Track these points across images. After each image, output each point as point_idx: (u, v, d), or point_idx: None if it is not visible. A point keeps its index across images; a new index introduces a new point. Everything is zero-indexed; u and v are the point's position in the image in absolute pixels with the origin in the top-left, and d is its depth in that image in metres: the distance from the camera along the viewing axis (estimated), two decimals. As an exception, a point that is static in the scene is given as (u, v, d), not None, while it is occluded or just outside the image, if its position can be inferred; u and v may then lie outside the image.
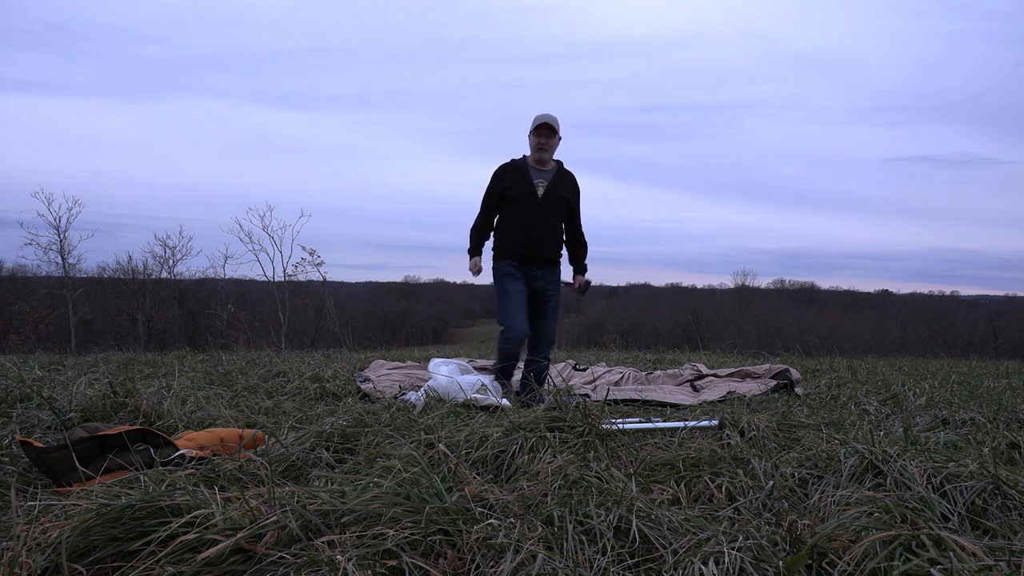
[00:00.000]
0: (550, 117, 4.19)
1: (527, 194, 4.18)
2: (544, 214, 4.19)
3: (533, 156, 4.26)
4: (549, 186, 4.23)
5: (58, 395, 3.26)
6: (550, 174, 4.26)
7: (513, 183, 4.20)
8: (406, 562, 1.43)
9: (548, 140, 4.20)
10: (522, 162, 4.28)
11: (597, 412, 2.70)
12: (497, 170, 4.31)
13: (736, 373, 5.23)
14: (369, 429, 2.57)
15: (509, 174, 4.24)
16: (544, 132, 4.18)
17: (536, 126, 4.18)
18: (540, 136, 4.19)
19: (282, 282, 17.91)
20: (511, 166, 4.28)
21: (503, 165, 4.31)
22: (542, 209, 4.19)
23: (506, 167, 4.29)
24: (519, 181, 4.20)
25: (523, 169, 4.23)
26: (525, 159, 4.30)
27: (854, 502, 1.85)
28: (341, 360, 6.31)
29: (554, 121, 4.19)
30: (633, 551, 1.56)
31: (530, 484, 2.01)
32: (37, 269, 22.32)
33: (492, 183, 4.29)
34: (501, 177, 4.26)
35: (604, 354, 8.75)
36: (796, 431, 2.75)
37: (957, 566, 1.41)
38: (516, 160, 4.31)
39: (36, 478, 2.14)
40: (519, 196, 4.18)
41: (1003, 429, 2.91)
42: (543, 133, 4.18)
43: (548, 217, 4.21)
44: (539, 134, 4.19)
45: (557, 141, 4.26)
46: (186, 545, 1.45)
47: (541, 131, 4.18)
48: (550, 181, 4.24)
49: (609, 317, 42.68)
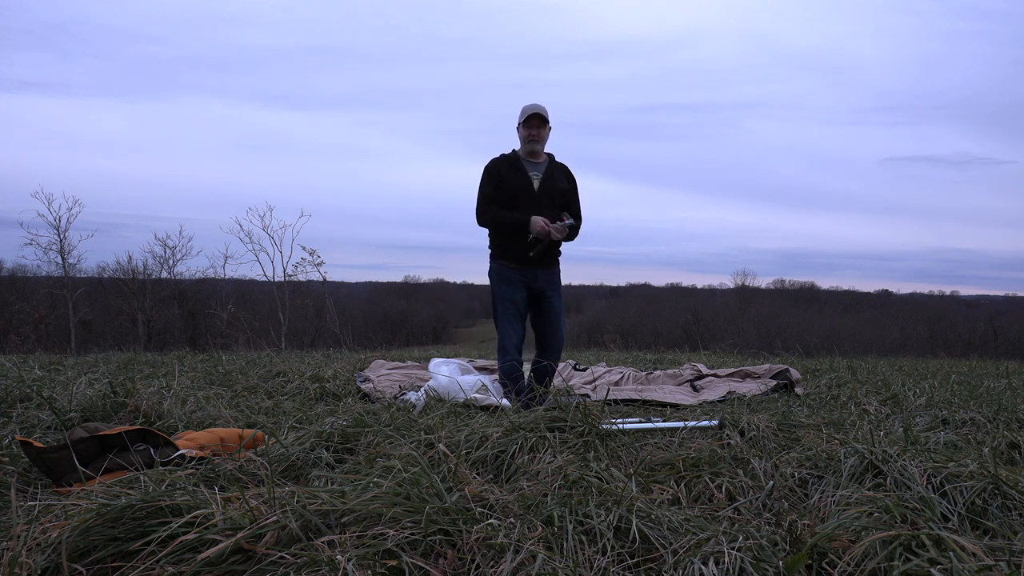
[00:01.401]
0: (539, 107, 4.03)
1: (524, 189, 4.01)
2: (542, 208, 3.98)
3: (524, 149, 4.09)
4: (544, 179, 4.07)
5: (58, 395, 3.26)
6: (543, 166, 4.11)
7: (508, 178, 4.02)
8: (406, 562, 1.43)
9: (539, 131, 4.04)
10: (514, 156, 4.11)
11: (597, 412, 2.69)
12: (488, 165, 4.11)
13: (736, 373, 5.23)
14: (369, 429, 2.57)
15: (502, 168, 4.05)
16: (534, 123, 4.03)
17: (526, 117, 4.02)
18: (531, 127, 4.03)
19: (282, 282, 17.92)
20: (503, 160, 4.09)
21: (494, 160, 4.12)
22: (539, 203, 4.00)
23: (497, 161, 4.10)
24: (514, 175, 4.03)
25: (516, 163, 4.06)
26: (516, 153, 4.13)
27: (854, 502, 1.85)
28: (341, 360, 6.31)
29: (544, 111, 4.03)
30: (633, 551, 1.56)
31: (530, 484, 2.01)
32: (37, 269, 22.36)
33: (486, 177, 4.09)
34: (494, 172, 4.07)
35: (604, 354, 8.75)
36: (796, 431, 2.75)
37: (957, 566, 1.41)
38: (507, 154, 4.13)
39: (36, 478, 2.14)
40: (515, 191, 4.00)
41: (1003, 429, 2.91)
42: (533, 124, 4.03)
43: (547, 211, 3.98)
44: (529, 125, 4.02)
45: (548, 131, 4.11)
46: (186, 545, 1.45)
47: (531, 122, 4.02)
48: (544, 174, 4.08)
49: (609, 317, 42.71)
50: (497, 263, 4.12)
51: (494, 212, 4.03)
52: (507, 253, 4.07)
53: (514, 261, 4.05)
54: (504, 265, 4.08)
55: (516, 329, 4.05)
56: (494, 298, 4.12)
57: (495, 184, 4.04)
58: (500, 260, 4.11)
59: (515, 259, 4.04)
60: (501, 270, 4.09)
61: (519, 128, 4.10)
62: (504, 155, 4.15)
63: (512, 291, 4.05)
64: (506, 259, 4.08)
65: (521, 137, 4.10)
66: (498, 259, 4.12)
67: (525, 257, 4.01)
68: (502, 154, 4.16)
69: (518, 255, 4.03)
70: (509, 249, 4.05)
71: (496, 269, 4.12)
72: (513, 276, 4.06)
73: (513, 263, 4.05)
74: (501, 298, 4.06)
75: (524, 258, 4.01)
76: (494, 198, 4.04)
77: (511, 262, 4.06)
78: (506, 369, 3.97)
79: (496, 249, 4.14)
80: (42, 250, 20.07)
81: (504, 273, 4.07)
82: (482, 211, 4.08)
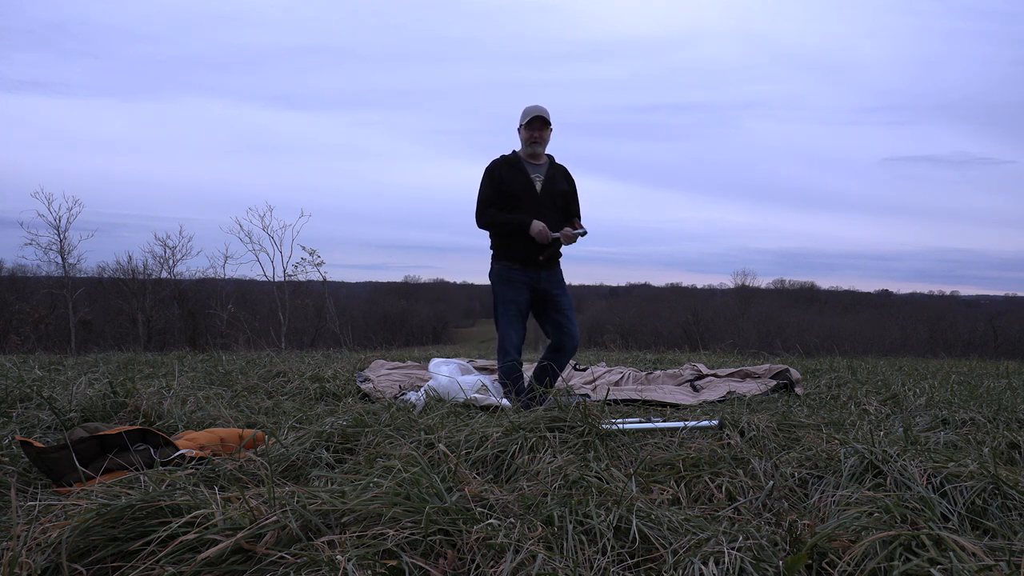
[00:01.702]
0: (542, 109, 4.04)
1: (526, 190, 4.01)
2: (544, 210, 3.98)
3: (525, 150, 4.08)
4: (546, 181, 4.07)
5: (58, 395, 3.26)
6: (544, 168, 4.11)
7: (510, 179, 4.01)
8: (406, 562, 1.43)
9: (541, 133, 4.05)
10: (514, 157, 4.09)
11: (597, 412, 2.70)
12: (490, 166, 4.09)
13: (736, 373, 5.23)
14: (369, 429, 2.57)
15: (503, 170, 4.04)
16: (537, 125, 4.03)
17: (528, 119, 4.01)
18: (533, 129, 4.03)
19: (282, 282, 17.92)
20: (504, 162, 4.08)
21: (495, 161, 4.10)
22: (542, 205, 4.00)
23: (498, 163, 4.08)
24: (516, 177, 4.02)
25: (518, 164, 4.05)
26: (517, 154, 4.12)
27: (854, 502, 1.85)
28: (341, 360, 6.31)
29: (546, 113, 4.04)
30: (633, 551, 1.56)
31: (530, 484, 2.01)
32: (37, 269, 22.36)
33: (486, 177, 4.06)
34: (494, 173, 4.04)
35: (604, 354, 8.75)
36: (796, 431, 2.75)
37: (957, 566, 1.41)
38: (508, 156, 4.12)
39: (36, 478, 2.14)
40: (517, 193, 3.99)
41: (1003, 429, 2.91)
42: (536, 126, 4.03)
43: (548, 212, 3.99)
44: (531, 127, 4.02)
45: (549, 133, 4.11)
46: (186, 545, 1.45)
47: (534, 124, 4.02)
48: (546, 175, 4.09)
49: (609, 317, 42.68)
50: (500, 264, 4.10)
51: (493, 214, 4.02)
52: (509, 254, 4.05)
53: (517, 262, 4.03)
54: (507, 266, 4.06)
55: (517, 330, 4.04)
56: (496, 299, 4.10)
57: (495, 186, 4.03)
58: (503, 261, 4.08)
59: (518, 260, 4.03)
60: (503, 271, 4.07)
61: (520, 129, 4.09)
62: (505, 156, 4.13)
63: (514, 292, 4.03)
64: (509, 260, 4.05)
65: (523, 139, 4.10)
66: (501, 260, 4.10)
67: (528, 258, 4.00)
68: (502, 155, 4.14)
69: (521, 256, 4.01)
70: (511, 250, 4.04)
71: (498, 270, 4.10)
72: (516, 277, 4.04)
73: (516, 264, 4.03)
74: (503, 299, 4.04)
75: (527, 259, 4.00)
76: (494, 200, 4.03)
77: (514, 263, 4.04)
78: (506, 369, 3.96)
79: (498, 250, 4.12)
80: (42, 250, 20.10)
81: (506, 274, 4.05)
82: (481, 212, 4.06)
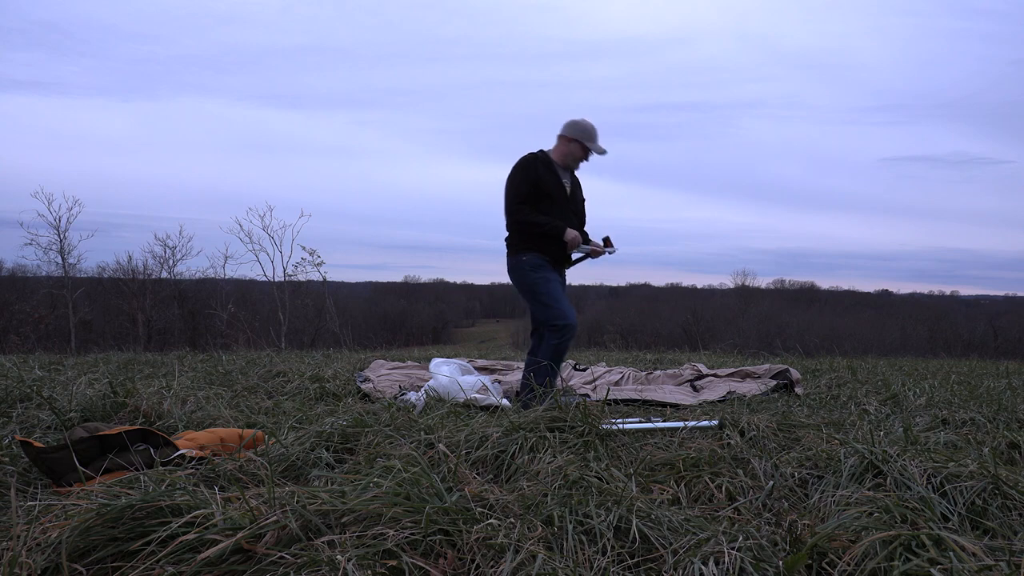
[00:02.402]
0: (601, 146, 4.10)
1: (559, 191, 4.01)
2: (570, 216, 4.06)
3: (562, 159, 4.08)
4: (572, 187, 4.15)
5: (58, 395, 3.26)
6: (570, 176, 4.16)
7: (546, 178, 3.97)
8: (406, 562, 1.43)
9: (587, 159, 4.13)
10: (547, 158, 4.05)
11: (597, 412, 2.70)
12: (525, 161, 3.99)
13: (736, 373, 5.23)
14: (369, 429, 2.57)
15: (540, 168, 3.98)
16: (588, 155, 4.10)
17: (591, 143, 4.03)
18: (585, 156, 4.08)
19: (282, 282, 17.90)
20: (539, 159, 4.01)
21: (531, 156, 4.02)
22: (570, 208, 4.07)
23: (534, 159, 4.01)
24: (550, 178, 3.99)
25: (551, 165, 4.03)
26: (548, 155, 4.08)
27: (854, 502, 1.85)
28: (341, 360, 6.31)
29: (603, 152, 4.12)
30: (633, 551, 1.56)
31: (530, 484, 2.01)
32: (37, 269, 22.30)
33: (523, 173, 3.95)
34: (530, 169, 3.96)
35: (604, 354, 8.75)
36: (796, 431, 2.75)
37: (957, 566, 1.41)
38: (539, 155, 4.06)
39: (36, 478, 2.14)
40: (551, 192, 3.97)
41: (1003, 429, 2.90)
42: (588, 155, 4.08)
43: (572, 219, 4.07)
44: (586, 153, 4.07)
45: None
46: (186, 545, 1.45)
47: (589, 153, 4.07)
48: (572, 183, 4.16)
49: (609, 317, 42.71)
50: (530, 255, 4.01)
51: (528, 212, 3.96)
52: (539, 247, 4.01)
53: (547, 255, 4.03)
54: (536, 256, 4.01)
55: (566, 300, 4.05)
56: (533, 283, 4.00)
57: (532, 181, 3.94)
58: (532, 252, 4.01)
59: (548, 254, 4.03)
60: (535, 260, 4.01)
61: (568, 140, 4.06)
62: (535, 154, 4.07)
63: (551, 273, 4.05)
64: (538, 251, 4.02)
65: (568, 152, 4.07)
66: (530, 251, 4.01)
67: (556, 260, 4.07)
68: (532, 153, 4.07)
69: (549, 256, 4.03)
70: (541, 248, 4.01)
71: (528, 260, 4.02)
72: (547, 264, 4.04)
73: (546, 256, 4.03)
74: (543, 278, 3.99)
75: (555, 261, 4.06)
76: (528, 197, 3.95)
77: (543, 255, 4.02)
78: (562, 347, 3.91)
79: (527, 242, 4.03)
80: (42, 250, 20.05)
81: (538, 261, 4.01)
82: (517, 209, 3.95)
